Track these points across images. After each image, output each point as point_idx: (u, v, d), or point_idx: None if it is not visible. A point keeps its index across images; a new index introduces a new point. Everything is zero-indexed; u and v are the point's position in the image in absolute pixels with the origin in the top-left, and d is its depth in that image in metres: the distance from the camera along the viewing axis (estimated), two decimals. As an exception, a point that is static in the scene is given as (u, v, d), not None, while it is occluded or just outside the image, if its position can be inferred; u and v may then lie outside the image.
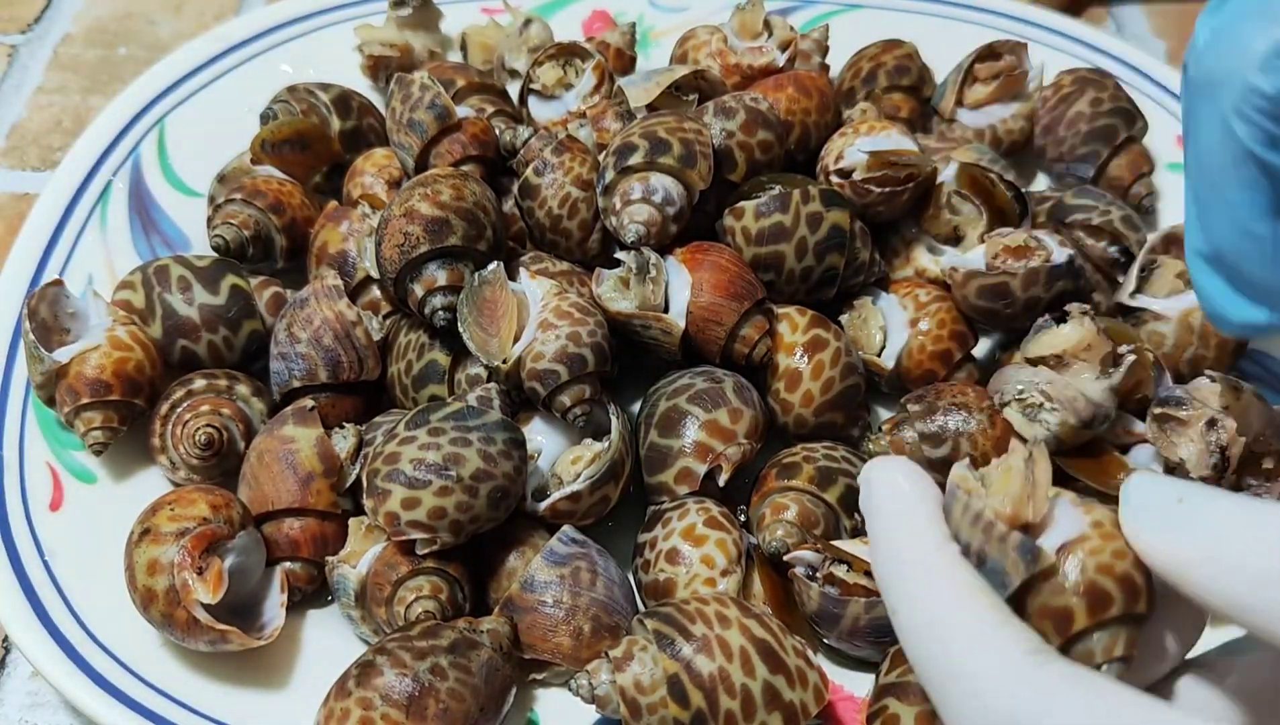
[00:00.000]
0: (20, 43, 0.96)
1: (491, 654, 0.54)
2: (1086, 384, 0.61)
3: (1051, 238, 0.66)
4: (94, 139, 0.77)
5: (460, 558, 0.58)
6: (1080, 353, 0.62)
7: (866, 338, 0.68)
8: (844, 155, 0.69)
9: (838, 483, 0.61)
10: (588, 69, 0.74)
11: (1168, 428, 0.62)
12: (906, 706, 0.52)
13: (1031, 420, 0.61)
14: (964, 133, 0.78)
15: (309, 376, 0.63)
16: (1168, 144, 0.82)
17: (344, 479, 0.60)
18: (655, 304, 0.63)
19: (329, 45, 0.85)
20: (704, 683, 0.51)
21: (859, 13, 0.90)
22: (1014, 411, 0.62)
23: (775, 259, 0.65)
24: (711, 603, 0.54)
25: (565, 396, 0.59)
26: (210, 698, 0.56)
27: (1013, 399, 0.62)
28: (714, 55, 0.77)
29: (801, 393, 0.64)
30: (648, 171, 0.64)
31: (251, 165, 0.73)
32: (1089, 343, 0.62)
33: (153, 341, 0.64)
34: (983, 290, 0.66)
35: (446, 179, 0.63)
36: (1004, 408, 0.62)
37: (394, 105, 0.71)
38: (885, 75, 0.80)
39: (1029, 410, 0.61)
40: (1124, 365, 0.61)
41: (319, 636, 0.59)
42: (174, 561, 0.54)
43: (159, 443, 0.62)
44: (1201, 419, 0.60)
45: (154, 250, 0.73)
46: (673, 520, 0.59)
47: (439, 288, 0.61)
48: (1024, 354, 0.64)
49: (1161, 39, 1.01)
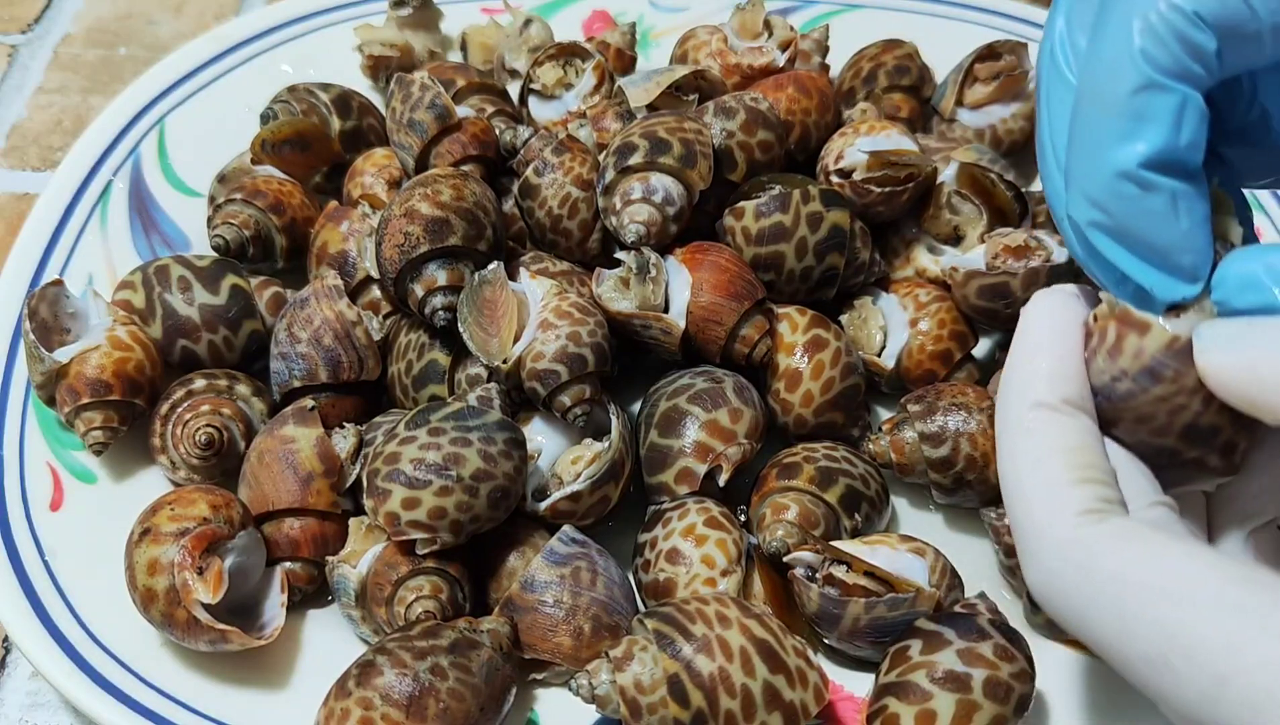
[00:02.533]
0: (20, 43, 0.96)
1: (492, 654, 0.54)
2: None
3: (1052, 237, 0.66)
4: (94, 139, 0.77)
5: (460, 558, 0.58)
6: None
7: (866, 338, 0.68)
8: (844, 155, 0.69)
9: (838, 483, 0.61)
10: (588, 69, 0.74)
11: None
12: (906, 706, 0.52)
13: None
14: (964, 133, 0.78)
15: (309, 376, 0.63)
16: (1168, 144, 0.82)
17: (344, 479, 0.60)
18: (655, 304, 0.63)
19: (329, 45, 0.85)
20: (704, 683, 0.51)
21: (859, 13, 0.90)
22: None
23: (775, 259, 0.65)
24: (712, 602, 0.54)
25: (565, 396, 0.59)
26: (210, 698, 0.56)
27: None
28: (714, 55, 0.77)
29: (801, 393, 0.64)
30: (648, 171, 0.64)
31: (252, 165, 0.73)
32: None
33: (153, 341, 0.64)
34: (983, 290, 0.66)
35: (447, 179, 0.63)
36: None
37: (394, 105, 0.71)
38: (885, 75, 0.80)
39: None
40: None
41: (319, 636, 0.59)
42: (174, 561, 0.54)
43: (159, 443, 0.63)
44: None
45: (154, 250, 0.73)
46: (673, 520, 0.59)
47: (439, 288, 0.61)
48: None
49: (1161, 39, 1.01)
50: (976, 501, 0.63)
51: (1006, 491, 0.42)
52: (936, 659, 0.52)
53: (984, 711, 0.51)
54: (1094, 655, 0.59)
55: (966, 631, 0.53)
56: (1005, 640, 0.53)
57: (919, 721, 0.51)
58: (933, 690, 0.51)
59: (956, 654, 0.52)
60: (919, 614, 0.55)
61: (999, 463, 0.43)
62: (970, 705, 0.51)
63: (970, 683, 0.51)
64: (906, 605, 0.54)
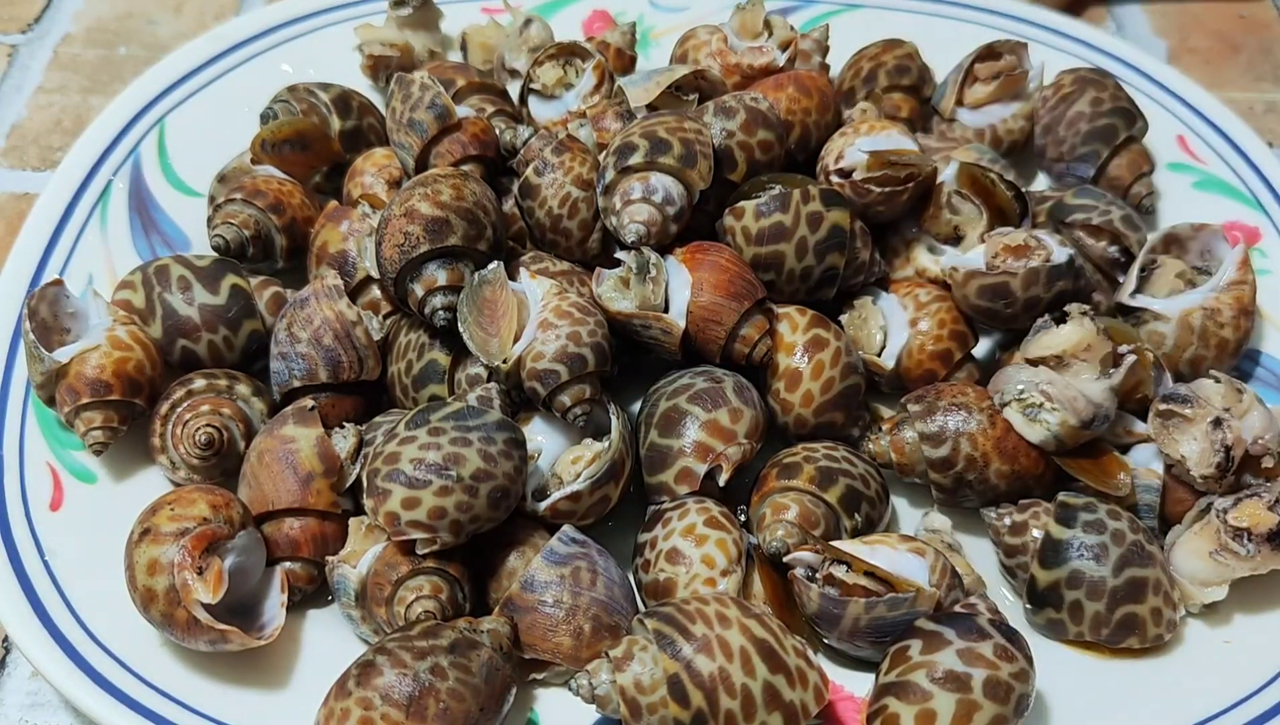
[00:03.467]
0: (20, 43, 0.96)
1: (492, 654, 0.54)
2: (1087, 384, 0.61)
3: (1052, 237, 0.66)
4: (94, 139, 0.77)
5: (460, 558, 0.58)
6: (1080, 353, 0.62)
7: (867, 337, 0.68)
8: (844, 155, 0.69)
9: (838, 483, 0.61)
10: (588, 69, 0.74)
11: (1171, 424, 0.62)
12: (906, 706, 0.52)
13: (1032, 420, 0.61)
14: (964, 133, 0.78)
15: (309, 376, 0.63)
16: (1168, 144, 0.82)
17: (344, 479, 0.60)
18: (655, 303, 0.62)
19: (329, 45, 0.85)
20: (704, 683, 0.51)
21: (859, 13, 0.90)
22: (1014, 411, 0.62)
23: (775, 259, 0.65)
24: (712, 603, 0.54)
25: (565, 396, 0.59)
26: (210, 698, 0.56)
27: (1013, 399, 0.62)
28: (714, 55, 0.77)
29: (801, 392, 0.64)
30: (648, 171, 0.64)
31: (252, 165, 0.73)
32: (1089, 343, 0.62)
33: (153, 341, 0.64)
34: (983, 290, 0.66)
35: (447, 179, 0.63)
36: (1004, 408, 0.62)
37: (394, 105, 0.70)
38: (885, 75, 0.80)
39: (1029, 410, 0.61)
40: (1124, 365, 0.61)
41: (319, 636, 0.59)
42: (174, 561, 0.54)
43: (159, 442, 0.62)
44: (1206, 418, 0.60)
45: (154, 250, 0.73)
46: (673, 520, 0.59)
47: (439, 287, 0.61)
48: (1024, 354, 0.64)
49: (1162, 39, 1.01)
50: (976, 502, 0.63)
51: None
52: (936, 659, 0.52)
53: (984, 711, 0.51)
54: (1093, 654, 0.59)
55: (966, 631, 0.53)
56: (1005, 640, 0.53)
57: (919, 721, 0.51)
58: (933, 690, 0.51)
59: (956, 654, 0.52)
60: (919, 614, 0.55)
61: None
62: (970, 705, 0.51)
63: (970, 682, 0.51)
64: (906, 605, 0.54)
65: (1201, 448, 0.61)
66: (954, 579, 0.58)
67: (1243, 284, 0.68)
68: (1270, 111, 0.95)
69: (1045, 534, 0.59)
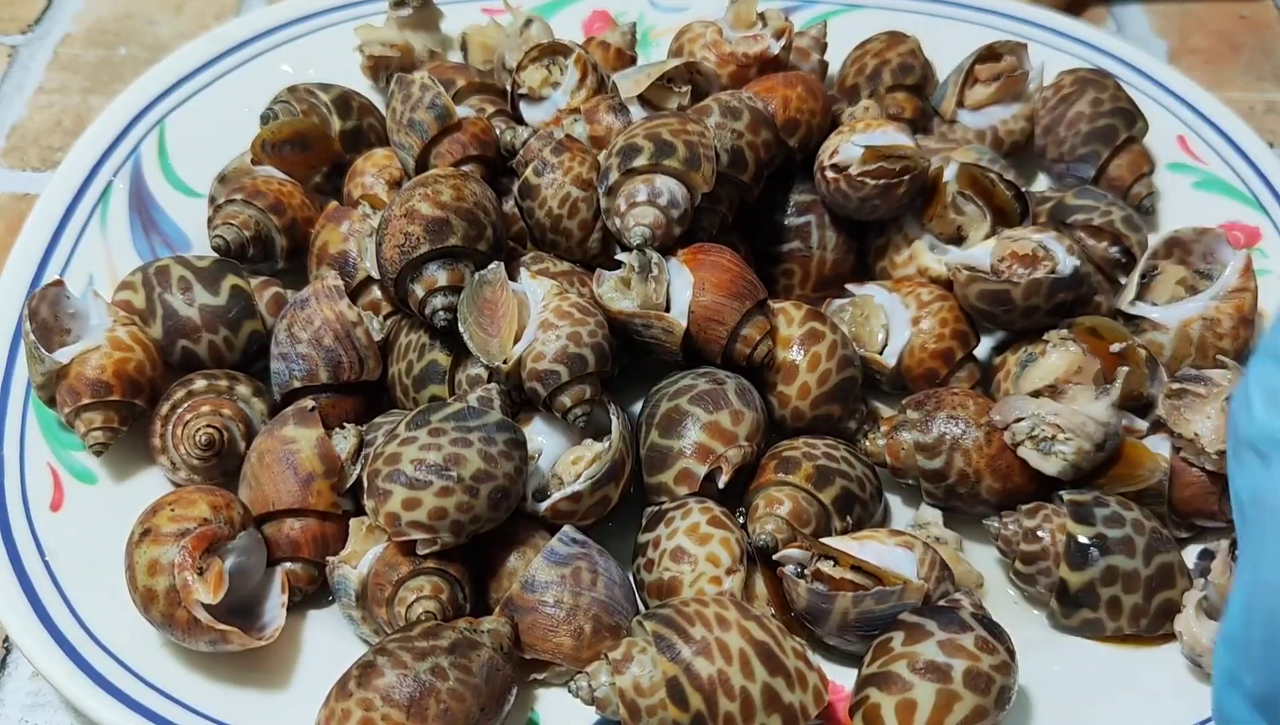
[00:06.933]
0: (20, 43, 0.96)
1: (492, 654, 0.54)
2: (1089, 406, 0.60)
3: (1060, 245, 0.66)
4: (94, 139, 0.77)
5: (461, 558, 0.58)
6: (1072, 377, 0.62)
7: (868, 336, 0.68)
8: (839, 150, 0.69)
9: (835, 484, 0.61)
10: (569, 64, 0.74)
11: (1183, 404, 0.61)
12: (887, 696, 0.52)
13: (1047, 454, 0.61)
14: (964, 134, 0.78)
15: (309, 377, 0.63)
16: (1168, 144, 0.82)
17: (344, 479, 0.60)
18: (657, 303, 0.62)
19: (329, 45, 0.85)
20: (703, 685, 0.51)
21: (859, 13, 0.90)
22: (1028, 449, 0.61)
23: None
24: (711, 604, 0.54)
25: (566, 397, 0.59)
26: (210, 698, 0.56)
27: (1025, 438, 0.61)
28: (709, 46, 0.77)
29: (798, 385, 0.64)
30: (653, 174, 0.64)
31: (252, 165, 0.73)
32: (1078, 366, 0.63)
33: (153, 342, 0.64)
34: (984, 294, 0.66)
35: (447, 179, 0.63)
36: (1018, 448, 0.62)
37: (394, 105, 0.70)
38: (890, 74, 0.79)
39: (1043, 444, 0.61)
40: (1119, 378, 0.61)
41: (319, 637, 0.59)
42: (174, 562, 0.54)
43: (159, 443, 0.62)
44: (1221, 396, 0.61)
45: (154, 250, 0.73)
46: (676, 519, 0.59)
47: (439, 288, 0.61)
48: (1019, 390, 0.64)
49: (1162, 39, 1.01)
50: (965, 511, 0.63)
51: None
52: (918, 650, 0.52)
53: (964, 702, 0.51)
54: (1130, 646, 0.59)
55: (948, 623, 0.53)
56: (987, 633, 0.53)
57: (899, 711, 0.51)
58: (913, 680, 0.52)
59: (938, 645, 0.52)
60: (907, 607, 0.55)
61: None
62: (950, 695, 0.51)
63: (951, 673, 0.52)
64: (894, 598, 0.55)
65: (1216, 424, 0.60)
66: (943, 572, 0.58)
67: (1244, 291, 0.68)
68: (1270, 111, 0.95)
69: (1068, 537, 0.59)
